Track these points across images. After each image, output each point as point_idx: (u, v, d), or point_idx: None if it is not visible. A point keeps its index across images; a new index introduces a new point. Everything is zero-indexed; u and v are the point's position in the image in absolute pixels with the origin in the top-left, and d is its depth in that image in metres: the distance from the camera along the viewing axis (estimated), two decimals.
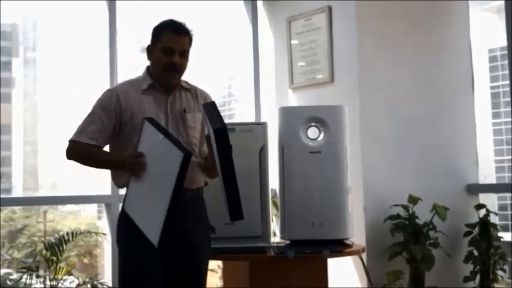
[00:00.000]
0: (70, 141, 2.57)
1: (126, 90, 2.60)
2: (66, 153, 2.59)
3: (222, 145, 2.35)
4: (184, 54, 2.59)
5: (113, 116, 2.56)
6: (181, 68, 2.60)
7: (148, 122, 2.40)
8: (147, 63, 2.68)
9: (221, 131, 2.34)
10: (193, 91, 2.69)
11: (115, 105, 2.56)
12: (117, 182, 2.65)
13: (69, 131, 2.61)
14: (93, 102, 2.62)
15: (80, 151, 2.56)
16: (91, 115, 2.58)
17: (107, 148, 2.64)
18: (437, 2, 4.14)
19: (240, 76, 4.98)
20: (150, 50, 2.63)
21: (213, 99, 2.73)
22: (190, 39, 2.62)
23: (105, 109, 2.57)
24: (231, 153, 2.37)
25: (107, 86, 3.95)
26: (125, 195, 2.53)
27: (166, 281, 2.56)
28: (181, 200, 2.50)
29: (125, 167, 2.45)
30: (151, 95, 2.60)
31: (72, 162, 2.61)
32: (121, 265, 2.60)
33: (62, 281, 4.17)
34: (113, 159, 2.59)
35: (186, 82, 2.68)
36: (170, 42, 2.56)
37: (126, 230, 2.55)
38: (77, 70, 5.31)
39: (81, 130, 2.56)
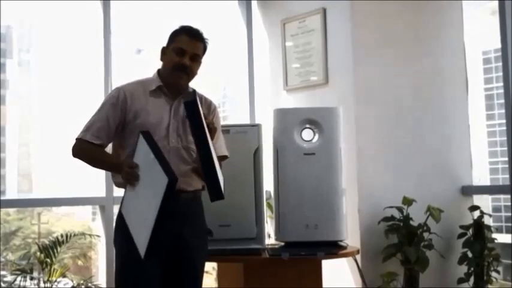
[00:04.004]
0: (76, 139, 2.59)
1: (133, 90, 2.62)
2: (72, 151, 2.60)
3: (193, 119, 2.35)
4: (195, 58, 2.61)
5: (119, 114, 2.58)
6: (190, 71, 2.61)
7: (142, 137, 2.40)
8: (142, 64, 2.68)
9: (190, 103, 2.34)
10: (198, 99, 2.69)
11: (121, 103, 2.58)
12: (116, 181, 2.65)
13: (64, 133, 2.60)
14: (87, 103, 2.62)
15: (83, 149, 2.58)
16: (98, 112, 2.60)
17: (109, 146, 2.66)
18: (431, 2, 4.15)
19: (234, 78, 4.97)
20: (164, 51, 2.66)
21: (214, 104, 2.78)
22: (205, 47, 2.66)
23: (112, 106, 2.58)
24: (203, 128, 2.36)
25: (101, 87, 3.97)
26: (123, 198, 2.54)
27: (163, 282, 2.55)
28: (176, 203, 2.51)
29: (121, 173, 2.46)
30: (158, 98, 2.62)
31: (69, 163, 2.60)
32: (118, 266, 2.61)
33: (56, 283, 4.17)
34: (112, 162, 2.60)
35: (194, 90, 2.68)
36: (182, 44, 2.59)
37: (123, 231, 2.55)
38: (72, 71, 5.30)
39: (87, 128, 2.58)
